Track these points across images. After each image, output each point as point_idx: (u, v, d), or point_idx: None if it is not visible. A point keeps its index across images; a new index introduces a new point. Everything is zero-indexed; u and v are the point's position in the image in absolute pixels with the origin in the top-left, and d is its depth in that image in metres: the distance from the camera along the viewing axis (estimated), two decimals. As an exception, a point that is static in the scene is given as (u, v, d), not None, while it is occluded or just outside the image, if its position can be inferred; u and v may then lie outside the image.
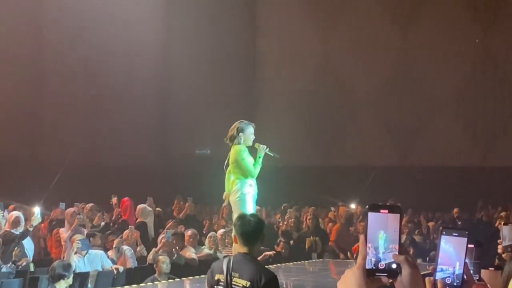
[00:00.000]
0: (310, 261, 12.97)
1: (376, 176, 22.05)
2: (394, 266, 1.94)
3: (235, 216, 8.65)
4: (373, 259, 1.95)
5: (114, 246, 11.55)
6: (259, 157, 8.58)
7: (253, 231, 5.59)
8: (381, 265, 1.94)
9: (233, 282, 5.44)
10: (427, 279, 2.21)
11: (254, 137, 8.66)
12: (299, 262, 12.26)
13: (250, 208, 8.49)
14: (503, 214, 14.65)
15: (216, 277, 5.58)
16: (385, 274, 1.94)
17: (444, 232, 2.20)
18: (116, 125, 22.92)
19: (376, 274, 1.95)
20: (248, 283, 5.39)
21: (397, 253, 1.94)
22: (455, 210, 15.86)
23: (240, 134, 8.60)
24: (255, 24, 26.62)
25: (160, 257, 10.23)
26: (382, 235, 1.95)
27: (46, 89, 23.39)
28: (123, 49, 22.77)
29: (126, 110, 23.20)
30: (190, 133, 24.55)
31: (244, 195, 8.52)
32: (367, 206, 2.01)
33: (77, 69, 22.67)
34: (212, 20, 24.77)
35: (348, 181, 21.52)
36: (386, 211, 1.97)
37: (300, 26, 25.39)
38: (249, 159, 8.55)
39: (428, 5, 24.39)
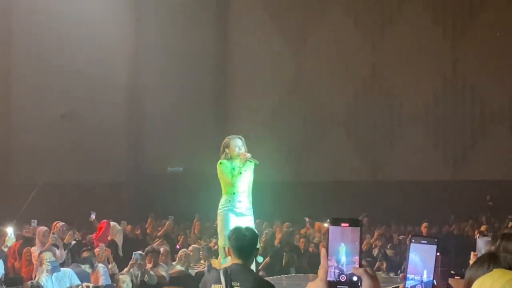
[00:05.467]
0: (287, 275, 13.04)
1: (348, 191, 22.13)
2: (355, 278, 1.99)
3: (219, 233, 8.62)
4: (336, 272, 2.00)
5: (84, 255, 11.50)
6: (243, 165, 8.47)
7: (248, 245, 5.64)
8: (343, 278, 1.99)
9: None
10: (400, 286, 2.27)
11: (240, 150, 8.55)
12: (274, 276, 12.31)
13: (232, 224, 8.29)
14: (483, 228, 14.76)
15: (213, 287, 5.57)
16: (346, 287, 1.99)
17: (413, 240, 2.25)
18: (87, 143, 22.81)
19: (338, 286, 2.00)
20: None
21: (357, 266, 1.99)
22: (424, 225, 15.84)
23: (226, 149, 8.56)
24: (227, 39, 26.67)
25: (120, 276, 10.13)
26: (342, 248, 2.00)
27: (15, 108, 23.23)
28: (93, 68, 22.69)
29: (97, 128, 23.10)
30: (163, 151, 24.48)
31: (221, 211, 8.48)
32: (328, 220, 2.06)
33: (46, 88, 22.54)
34: (184, 35, 24.76)
35: (320, 197, 21.58)
36: (347, 224, 2.02)
37: (272, 41, 25.48)
38: (227, 170, 8.45)
39: (397, 20, 24.62)
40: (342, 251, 2.00)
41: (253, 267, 7.98)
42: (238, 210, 8.47)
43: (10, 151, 23.36)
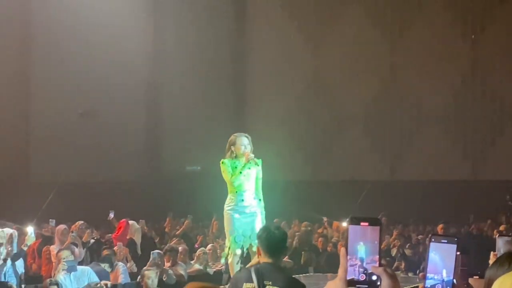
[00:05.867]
0: (305, 274, 13.01)
1: (367, 191, 22.08)
2: (374, 277, 1.99)
3: (225, 231, 8.61)
4: (355, 271, 2.00)
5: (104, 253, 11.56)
6: (244, 166, 8.37)
7: (278, 243, 5.66)
8: (362, 277, 1.99)
9: None
10: (420, 285, 2.26)
11: (246, 149, 8.42)
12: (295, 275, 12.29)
13: (236, 224, 8.36)
14: (502, 228, 14.69)
15: (244, 286, 5.58)
16: (366, 286, 1.99)
17: (433, 240, 2.24)
18: (106, 142, 22.89)
19: (357, 285, 2.00)
20: None
21: (376, 265, 1.99)
22: (440, 226, 15.63)
23: (232, 147, 8.47)
24: (245, 38, 26.68)
25: (146, 272, 10.20)
26: (362, 247, 1.99)
27: (34, 107, 23.34)
28: (111, 66, 22.76)
29: (116, 127, 23.18)
30: (181, 150, 24.53)
31: (225, 211, 8.47)
32: (347, 219, 2.06)
33: (64, 87, 22.63)
34: (202, 34, 24.78)
35: (337, 196, 21.54)
36: (366, 223, 2.01)
37: (291, 41, 25.47)
38: (228, 169, 8.40)
39: (417, 19, 24.53)
40: (361, 250, 2.00)
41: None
42: (242, 210, 8.40)
43: (29, 150, 23.47)
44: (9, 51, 22.39)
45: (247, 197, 8.43)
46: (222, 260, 8.52)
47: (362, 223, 2.01)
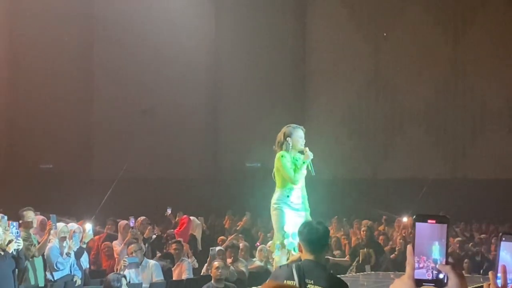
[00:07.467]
0: (363, 273, 12.87)
1: (427, 188, 21.86)
2: (441, 276, 1.96)
3: (275, 229, 8.30)
4: (422, 269, 1.98)
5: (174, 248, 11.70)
6: (303, 163, 7.94)
7: (320, 239, 5.37)
8: (429, 275, 1.97)
9: None
10: (485, 284, 2.22)
11: (304, 141, 8.06)
12: (353, 274, 12.22)
13: (289, 221, 7.90)
14: None
15: (285, 283, 5.24)
16: (433, 284, 1.97)
17: (503, 239, 2.19)
18: (167, 139, 23.08)
19: (424, 284, 1.98)
20: None
21: (443, 263, 1.97)
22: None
23: (288, 139, 8.00)
24: (305, 36, 26.66)
25: (215, 262, 10.24)
26: (429, 245, 1.97)
27: (98, 104, 23.67)
28: (173, 65, 22.96)
29: (176, 124, 23.37)
30: (241, 146, 24.61)
31: (280, 206, 8.00)
32: (414, 216, 2.04)
33: (127, 84, 22.90)
34: (263, 32, 24.84)
35: (398, 194, 21.38)
36: (434, 221, 1.99)
37: (350, 39, 25.35)
38: (289, 165, 7.97)
39: (479, 17, 24.17)
40: (428, 248, 1.97)
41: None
42: (294, 206, 8.00)
43: (91, 146, 23.80)
44: (73, 50, 22.76)
45: (298, 193, 8.07)
46: (278, 256, 8.18)
47: (429, 221, 1.98)
